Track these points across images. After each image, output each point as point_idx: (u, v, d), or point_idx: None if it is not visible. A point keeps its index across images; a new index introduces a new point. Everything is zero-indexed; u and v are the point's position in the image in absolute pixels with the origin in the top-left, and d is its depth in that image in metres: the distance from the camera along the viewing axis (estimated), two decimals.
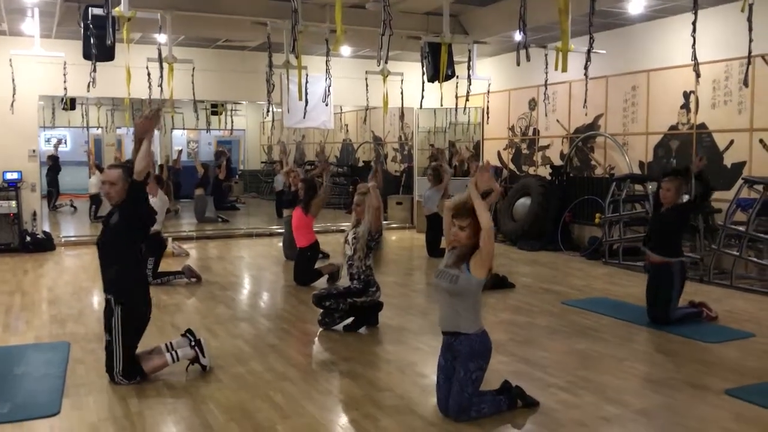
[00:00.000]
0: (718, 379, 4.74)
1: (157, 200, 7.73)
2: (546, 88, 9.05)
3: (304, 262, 8.11)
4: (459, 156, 14.01)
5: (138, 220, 4.60)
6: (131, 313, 4.58)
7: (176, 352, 4.77)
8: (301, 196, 8.48)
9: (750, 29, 6.71)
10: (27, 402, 4.29)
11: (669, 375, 4.84)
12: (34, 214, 10.97)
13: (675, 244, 6.21)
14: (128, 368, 4.55)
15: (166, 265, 8.50)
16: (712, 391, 4.48)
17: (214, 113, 19.16)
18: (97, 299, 7.38)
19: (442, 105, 12.23)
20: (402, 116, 13.10)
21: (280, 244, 10.37)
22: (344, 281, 6.22)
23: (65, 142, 21.90)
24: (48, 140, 21.11)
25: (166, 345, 4.82)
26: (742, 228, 7.70)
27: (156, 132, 20.78)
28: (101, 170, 14.96)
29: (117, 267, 4.56)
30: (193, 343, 4.84)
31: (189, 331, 4.96)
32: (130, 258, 4.62)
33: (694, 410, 4.20)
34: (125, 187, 4.52)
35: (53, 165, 17.07)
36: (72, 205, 17.21)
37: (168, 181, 8.86)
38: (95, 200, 14.63)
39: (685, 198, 6.59)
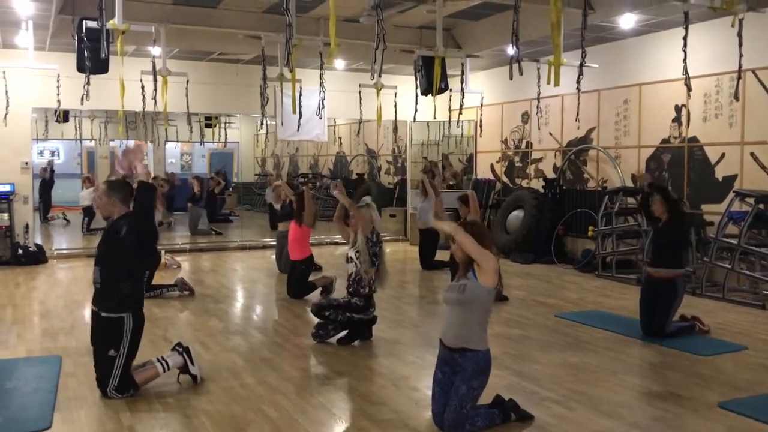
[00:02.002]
0: (711, 392, 4.74)
1: None
2: (538, 102, 9.10)
3: (298, 275, 8.10)
4: (452, 170, 14.06)
5: (145, 228, 4.64)
6: (140, 325, 4.63)
7: (167, 361, 4.78)
8: (294, 208, 8.50)
9: (740, 44, 6.80)
10: (18, 416, 4.26)
11: (662, 388, 4.84)
12: (27, 226, 10.92)
13: (678, 256, 6.23)
14: (123, 382, 4.54)
15: (158, 278, 8.46)
16: (705, 404, 4.49)
17: (208, 126, 19.18)
18: (88, 313, 7.33)
19: (435, 118, 12.26)
20: (395, 129, 13.13)
21: (273, 256, 10.35)
22: (338, 294, 6.21)
23: (58, 154, 21.89)
24: (41, 152, 21.10)
25: (157, 358, 4.82)
26: (734, 241, 7.73)
27: (149, 145, 20.82)
28: (92, 182, 14.99)
29: (130, 281, 4.58)
30: (180, 350, 4.85)
31: (179, 344, 4.95)
32: (139, 271, 4.72)
33: (687, 423, 4.20)
34: (109, 203, 4.59)
35: (48, 178, 17.00)
36: (65, 218, 17.13)
37: (161, 194, 8.86)
38: (88, 213, 14.58)
39: None
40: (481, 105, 11.33)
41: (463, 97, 9.60)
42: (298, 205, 8.31)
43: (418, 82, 9.61)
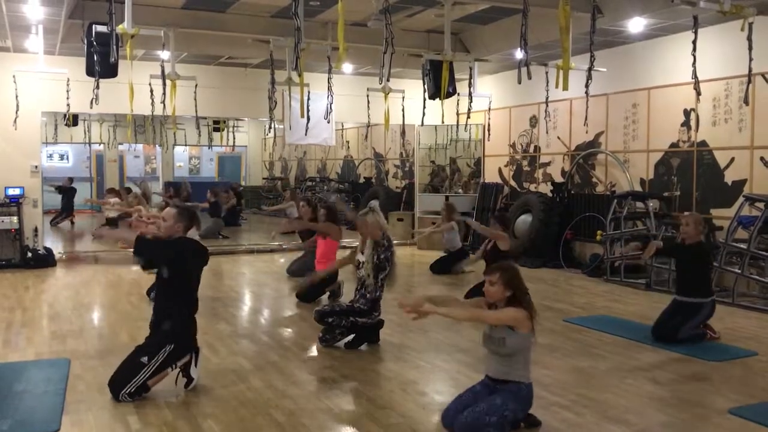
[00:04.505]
0: (721, 398, 4.71)
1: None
2: (547, 106, 9.09)
3: (317, 283, 8.03)
4: (461, 176, 14.10)
5: (184, 270, 4.77)
6: (180, 352, 4.73)
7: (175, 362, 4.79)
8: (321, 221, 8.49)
9: (750, 48, 6.77)
10: (27, 419, 4.27)
11: (671, 394, 4.81)
12: (36, 229, 10.97)
13: (706, 281, 6.22)
14: (138, 389, 4.57)
15: None
16: (715, 411, 4.46)
17: (217, 130, 19.27)
18: (97, 316, 7.38)
19: (443, 122, 12.29)
20: (403, 133, 13.14)
21: (282, 260, 10.34)
22: (345, 298, 6.20)
23: (67, 158, 22.01)
24: (50, 156, 21.22)
25: None
26: (743, 245, 7.69)
27: (158, 148, 20.87)
28: (118, 194, 14.90)
29: (171, 320, 4.72)
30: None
31: None
32: (185, 307, 4.80)
33: (696, 430, 4.17)
34: (175, 228, 4.76)
35: (68, 189, 17.10)
36: (71, 221, 17.21)
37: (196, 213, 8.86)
38: (111, 222, 14.59)
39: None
40: (489, 109, 11.30)
41: (471, 101, 9.60)
42: (327, 219, 8.34)
43: (426, 86, 9.64)
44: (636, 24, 8.74)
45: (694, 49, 6.85)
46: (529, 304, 4.04)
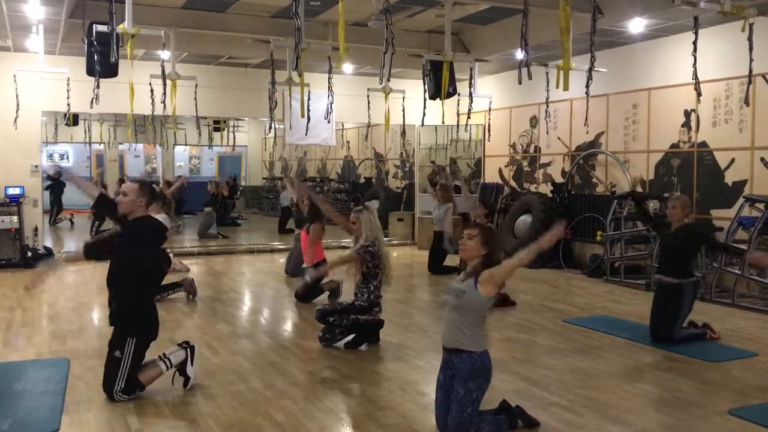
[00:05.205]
0: (721, 398, 4.71)
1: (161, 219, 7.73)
2: (547, 106, 9.08)
3: (311, 284, 8.05)
4: (460, 174, 14.08)
5: (143, 256, 4.64)
6: (144, 340, 4.65)
7: (169, 359, 4.78)
8: (305, 216, 8.52)
9: (750, 48, 6.78)
10: (27, 418, 4.27)
11: (671, 394, 4.81)
12: (36, 229, 10.97)
13: (688, 263, 6.21)
14: (129, 384, 4.55)
15: (164, 281, 8.47)
16: (715, 411, 4.45)
17: (217, 129, 19.27)
18: (97, 315, 7.37)
19: (443, 122, 12.26)
20: (403, 133, 13.11)
21: (282, 260, 10.34)
22: (346, 297, 6.21)
23: (67, 158, 22.01)
24: (50, 156, 21.21)
25: (159, 356, 4.81)
26: (743, 246, 7.69)
27: (158, 148, 20.91)
28: (105, 187, 15.10)
29: (128, 301, 4.59)
30: (186, 346, 4.87)
31: (186, 342, 4.96)
32: (140, 289, 4.66)
33: (696, 430, 4.17)
34: (137, 202, 4.59)
35: (57, 182, 17.05)
36: (71, 220, 17.20)
37: (170, 200, 8.89)
38: (99, 217, 14.64)
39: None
40: (490, 109, 11.30)
41: (472, 102, 9.59)
42: (310, 216, 8.37)
43: (426, 86, 9.63)
44: (636, 24, 8.74)
45: (695, 50, 6.85)
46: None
